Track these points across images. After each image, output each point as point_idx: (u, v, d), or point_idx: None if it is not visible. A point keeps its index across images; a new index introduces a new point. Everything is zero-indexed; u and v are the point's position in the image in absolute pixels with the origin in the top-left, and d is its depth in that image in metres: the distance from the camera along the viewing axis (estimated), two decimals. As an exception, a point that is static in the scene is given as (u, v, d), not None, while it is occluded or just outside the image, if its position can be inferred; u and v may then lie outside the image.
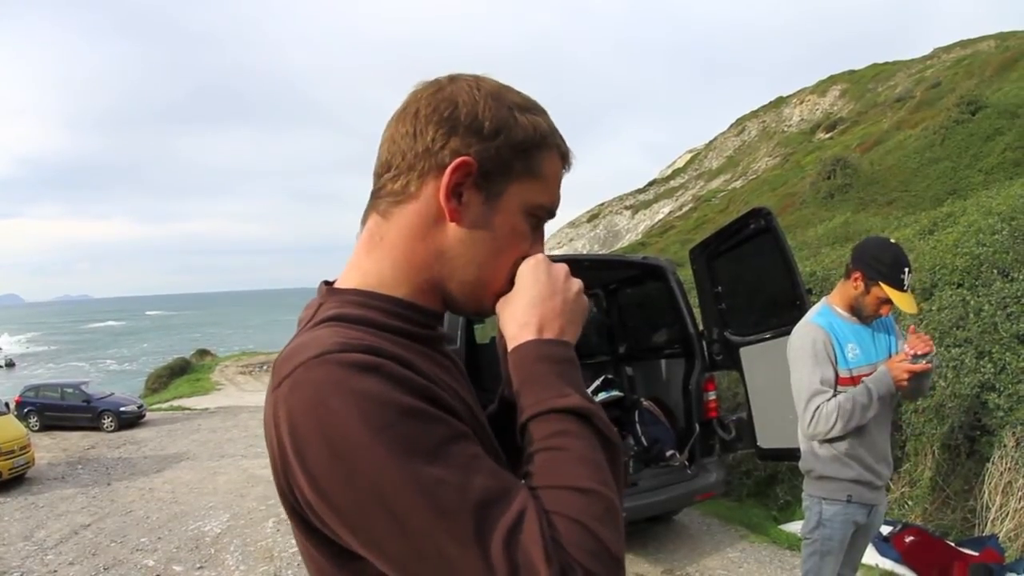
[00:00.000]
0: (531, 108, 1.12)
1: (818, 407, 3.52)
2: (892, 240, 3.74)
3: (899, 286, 3.52)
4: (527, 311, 1.09)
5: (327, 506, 0.89)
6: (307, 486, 0.89)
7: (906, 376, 3.47)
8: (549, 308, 1.09)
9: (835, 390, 3.61)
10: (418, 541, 0.85)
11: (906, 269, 3.55)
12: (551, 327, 1.08)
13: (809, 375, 3.60)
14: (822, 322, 3.71)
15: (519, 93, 1.13)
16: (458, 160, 1.04)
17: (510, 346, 1.10)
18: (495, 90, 1.10)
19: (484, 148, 1.06)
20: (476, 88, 1.08)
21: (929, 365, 3.50)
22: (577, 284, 1.14)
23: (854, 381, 3.62)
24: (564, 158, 1.17)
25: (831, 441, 3.66)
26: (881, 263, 3.56)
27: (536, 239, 1.17)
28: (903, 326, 3.90)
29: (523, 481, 0.96)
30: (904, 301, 3.53)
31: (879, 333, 3.79)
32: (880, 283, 3.54)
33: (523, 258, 1.14)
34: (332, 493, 0.88)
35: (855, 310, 3.70)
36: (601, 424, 1.01)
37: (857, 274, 3.63)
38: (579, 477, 0.94)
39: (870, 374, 3.60)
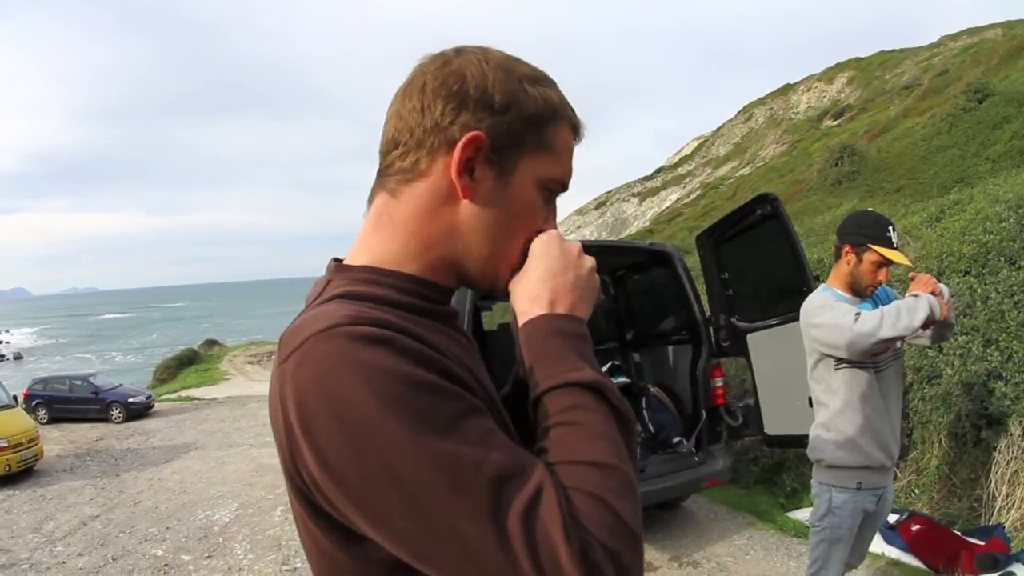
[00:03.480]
0: (541, 80, 1.10)
1: (859, 313, 3.46)
2: (869, 209, 3.76)
3: (888, 243, 3.55)
4: (538, 285, 1.07)
5: (334, 483, 0.87)
6: (314, 463, 0.87)
7: (944, 310, 3.45)
8: (561, 283, 1.07)
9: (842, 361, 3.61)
10: (431, 518, 0.83)
11: (890, 227, 3.59)
12: (563, 302, 1.07)
13: (841, 307, 3.56)
14: (831, 293, 3.73)
15: (527, 64, 1.11)
16: (469, 135, 1.02)
17: (521, 321, 1.08)
18: (504, 62, 1.08)
19: (495, 122, 1.03)
20: (484, 60, 1.06)
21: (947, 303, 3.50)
22: (590, 261, 1.13)
23: None
24: (575, 130, 1.14)
25: (840, 426, 3.65)
26: (864, 227, 3.62)
27: (549, 213, 1.15)
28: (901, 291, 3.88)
29: (538, 457, 0.93)
30: (897, 256, 3.56)
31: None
32: (869, 245, 3.57)
33: (537, 232, 1.12)
34: (340, 469, 0.85)
35: (853, 287, 3.70)
36: (614, 398, 1.00)
37: (846, 248, 3.67)
38: (596, 451, 0.92)
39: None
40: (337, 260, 1.13)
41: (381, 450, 0.83)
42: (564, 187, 1.15)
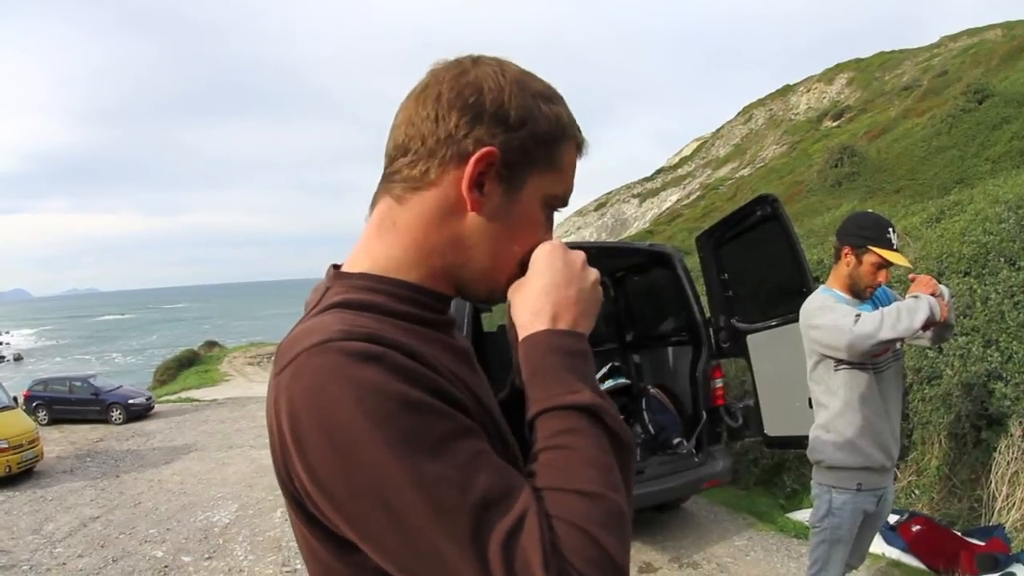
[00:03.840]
0: (553, 98, 1.10)
1: (859, 314, 3.46)
2: (869, 211, 3.75)
3: (888, 245, 3.55)
4: (540, 299, 1.06)
5: (325, 497, 0.88)
6: (305, 476, 0.88)
7: (944, 312, 3.44)
8: (564, 297, 1.06)
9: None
10: (415, 538, 0.84)
11: (890, 228, 3.58)
12: (565, 317, 1.05)
13: (841, 309, 3.56)
14: (831, 294, 3.73)
15: (541, 80, 1.11)
16: (483, 150, 1.01)
17: (521, 335, 1.06)
18: (519, 77, 1.07)
19: (508, 138, 1.03)
20: (501, 74, 1.06)
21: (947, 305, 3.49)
22: (594, 274, 1.12)
23: None
24: (580, 148, 1.15)
25: (840, 427, 3.65)
26: (864, 229, 3.62)
27: (546, 226, 1.14)
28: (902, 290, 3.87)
29: (529, 480, 0.93)
30: (897, 257, 3.55)
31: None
32: (869, 247, 3.57)
33: (536, 245, 1.11)
34: (330, 484, 0.86)
35: (853, 288, 3.70)
36: (612, 422, 0.98)
37: (846, 249, 3.66)
38: (584, 480, 0.91)
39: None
40: (336, 266, 1.13)
41: (368, 469, 0.84)
42: (565, 203, 1.15)
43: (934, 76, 45.33)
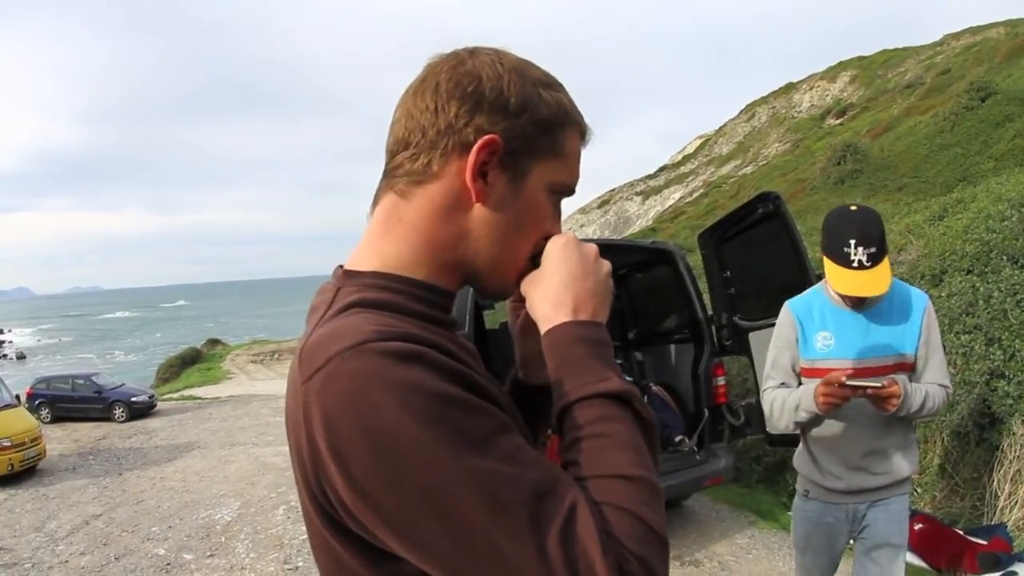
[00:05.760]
0: (553, 84, 1.09)
1: (765, 390, 3.38)
2: (853, 207, 3.05)
3: (842, 261, 2.89)
4: (561, 291, 1.06)
5: (368, 507, 0.85)
6: (344, 486, 0.85)
7: (822, 398, 2.92)
8: (582, 288, 1.06)
9: (798, 379, 3.35)
10: (471, 540, 0.82)
11: (852, 241, 2.86)
12: (585, 308, 1.06)
13: (768, 356, 3.45)
14: (799, 304, 3.38)
15: (539, 68, 1.10)
16: (485, 138, 1.00)
17: (543, 327, 1.06)
18: (518, 65, 1.06)
19: (509, 126, 1.02)
20: (499, 62, 1.04)
21: (861, 392, 2.88)
22: (607, 265, 1.12)
23: (816, 374, 3.16)
24: (583, 135, 1.13)
25: (801, 432, 3.46)
26: (824, 233, 3.02)
27: (555, 216, 1.13)
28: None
29: (570, 468, 0.95)
30: (844, 281, 2.91)
31: (881, 325, 3.16)
32: (824, 257, 3.00)
33: (545, 237, 1.11)
34: (374, 493, 0.83)
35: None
36: (640, 407, 1.01)
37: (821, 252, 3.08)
38: (625, 464, 0.93)
39: (848, 370, 2.98)
40: (342, 267, 1.11)
41: (418, 472, 0.82)
42: (571, 191, 1.14)
43: (937, 74, 45.22)
